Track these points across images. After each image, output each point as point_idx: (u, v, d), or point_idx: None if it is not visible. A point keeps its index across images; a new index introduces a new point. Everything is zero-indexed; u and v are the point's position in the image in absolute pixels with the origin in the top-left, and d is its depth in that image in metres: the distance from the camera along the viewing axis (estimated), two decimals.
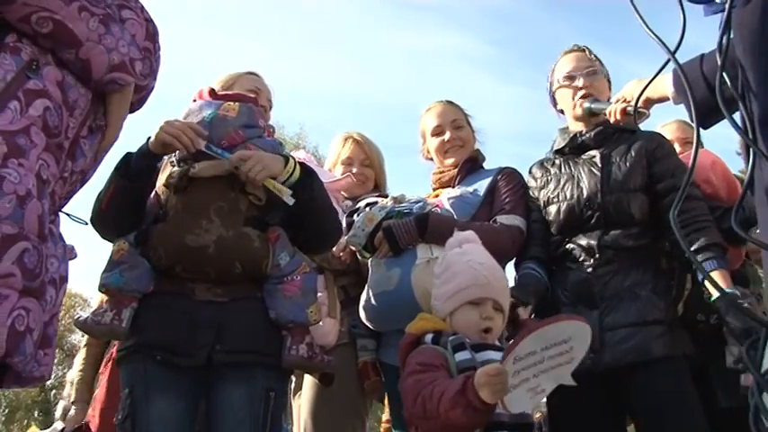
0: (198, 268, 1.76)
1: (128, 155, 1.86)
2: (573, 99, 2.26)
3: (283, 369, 1.82)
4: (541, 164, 2.32)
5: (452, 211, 2.20)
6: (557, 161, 2.27)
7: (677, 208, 1.01)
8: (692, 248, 1.92)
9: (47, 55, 1.33)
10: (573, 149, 2.25)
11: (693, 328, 2.08)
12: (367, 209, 2.30)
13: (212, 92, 2.03)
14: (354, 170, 2.69)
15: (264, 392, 1.74)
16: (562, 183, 2.19)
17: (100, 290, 1.79)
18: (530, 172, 2.35)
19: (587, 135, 2.21)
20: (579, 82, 2.25)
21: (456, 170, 2.39)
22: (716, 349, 2.08)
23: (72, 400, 3.42)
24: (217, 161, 1.84)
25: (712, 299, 1.89)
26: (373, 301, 2.14)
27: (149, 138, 1.84)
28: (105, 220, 1.88)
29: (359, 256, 2.36)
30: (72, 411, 3.35)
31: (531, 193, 2.29)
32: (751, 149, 0.85)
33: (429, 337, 1.64)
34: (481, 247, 1.77)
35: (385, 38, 31.08)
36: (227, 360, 1.72)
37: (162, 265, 1.77)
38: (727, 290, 1.86)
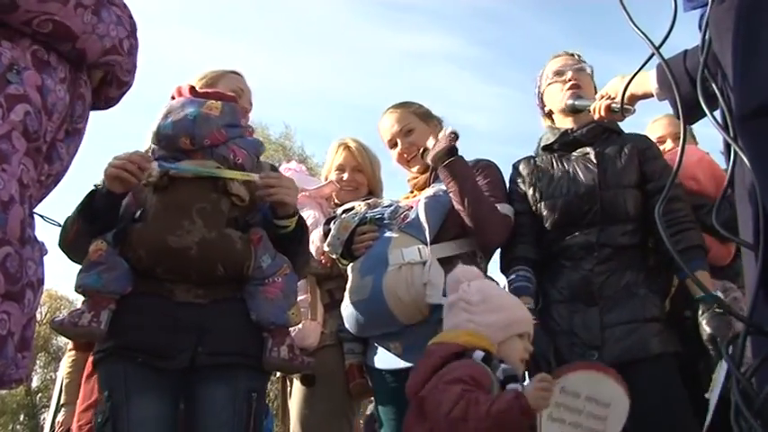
0: (179, 270, 1.74)
1: (92, 193, 1.84)
2: (561, 91, 2.24)
3: (265, 370, 1.82)
4: (528, 160, 2.29)
5: (425, 213, 2.12)
6: (546, 158, 2.25)
7: (662, 205, 1.02)
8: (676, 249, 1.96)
9: (26, 57, 1.34)
10: (563, 146, 2.23)
11: (680, 325, 2.09)
12: (343, 216, 2.28)
13: (192, 89, 2.00)
14: (345, 176, 2.68)
15: (247, 394, 1.73)
16: (556, 179, 2.16)
17: (76, 290, 1.76)
18: (516, 168, 2.31)
19: (579, 132, 2.20)
20: (568, 75, 2.25)
21: (428, 172, 2.32)
22: (702, 344, 2.12)
23: (62, 402, 3.37)
24: (199, 161, 1.83)
25: (695, 297, 1.93)
26: (351, 309, 2.14)
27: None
28: (73, 251, 1.86)
29: (338, 264, 2.35)
30: (62, 414, 3.30)
31: (517, 190, 2.26)
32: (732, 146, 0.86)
33: (479, 354, 1.66)
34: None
35: (372, 39, 31.12)
36: (209, 362, 1.71)
37: (142, 266, 1.75)
38: (708, 293, 1.90)
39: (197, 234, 1.72)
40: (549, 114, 2.35)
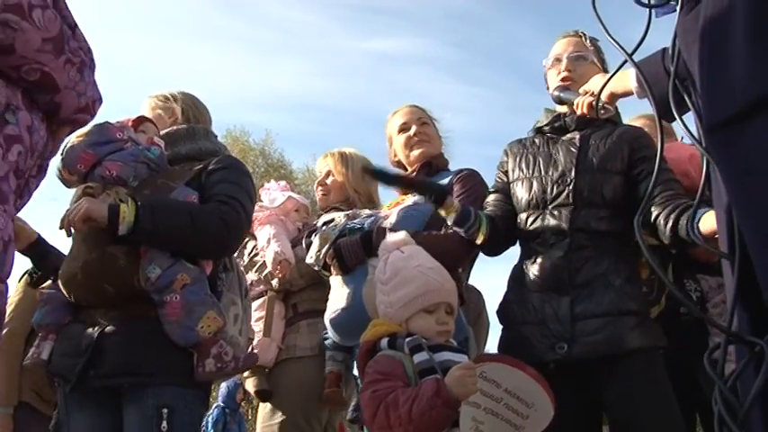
0: (80, 297, 1.83)
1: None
2: (555, 78, 2.19)
3: (183, 384, 1.81)
4: (520, 141, 2.25)
5: (399, 224, 2.12)
6: (536, 140, 2.19)
7: (642, 215, 1.01)
8: (680, 208, 1.83)
9: (17, 96, 1.34)
10: (554, 130, 2.18)
11: (676, 321, 2.07)
12: (323, 228, 2.29)
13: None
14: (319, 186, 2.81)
15: (155, 411, 1.74)
16: (540, 160, 2.11)
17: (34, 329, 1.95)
18: (505, 150, 2.25)
19: (570, 117, 2.14)
20: (562, 65, 2.18)
21: (418, 164, 2.39)
22: (699, 341, 2.08)
23: None
24: (76, 194, 1.91)
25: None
26: (333, 318, 2.17)
27: None
28: None
29: (322, 276, 2.36)
30: None
31: (501, 168, 2.22)
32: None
33: (384, 341, 1.65)
34: (422, 250, 1.80)
35: (346, 42, 30.79)
36: (99, 385, 1.77)
37: (70, 297, 1.87)
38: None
39: (81, 258, 1.82)
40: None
